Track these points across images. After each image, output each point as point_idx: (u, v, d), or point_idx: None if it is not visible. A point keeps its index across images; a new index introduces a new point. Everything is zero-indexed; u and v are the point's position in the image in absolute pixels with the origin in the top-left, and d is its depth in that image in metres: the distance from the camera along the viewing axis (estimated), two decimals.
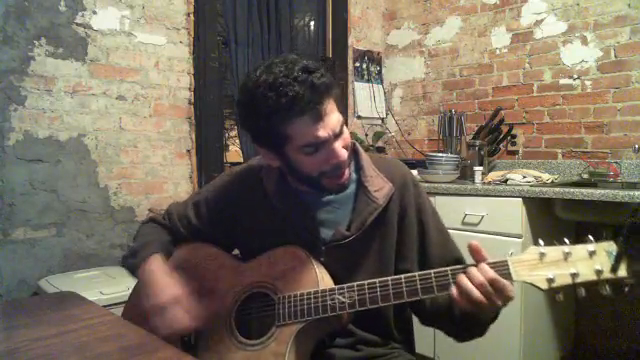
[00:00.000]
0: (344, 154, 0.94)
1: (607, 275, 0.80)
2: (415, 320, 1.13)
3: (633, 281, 0.80)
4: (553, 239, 0.88)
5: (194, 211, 1.14)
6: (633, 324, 2.31)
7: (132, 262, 1.08)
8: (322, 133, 0.90)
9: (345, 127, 0.97)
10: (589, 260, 0.81)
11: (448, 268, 0.88)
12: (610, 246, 0.82)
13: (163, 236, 1.14)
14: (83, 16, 2.13)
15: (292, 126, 0.90)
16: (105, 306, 1.08)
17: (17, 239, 1.97)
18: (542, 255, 0.83)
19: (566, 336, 2.44)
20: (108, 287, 1.74)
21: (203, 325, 0.99)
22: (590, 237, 0.83)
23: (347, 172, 0.98)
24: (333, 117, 0.92)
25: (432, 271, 0.89)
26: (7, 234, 1.95)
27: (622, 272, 0.79)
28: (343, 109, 0.96)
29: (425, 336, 1.20)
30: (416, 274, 0.90)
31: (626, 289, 0.80)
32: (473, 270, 0.85)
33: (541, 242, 0.85)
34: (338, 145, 0.93)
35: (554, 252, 0.83)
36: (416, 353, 1.13)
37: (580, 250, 0.83)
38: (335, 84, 0.94)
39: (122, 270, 2.06)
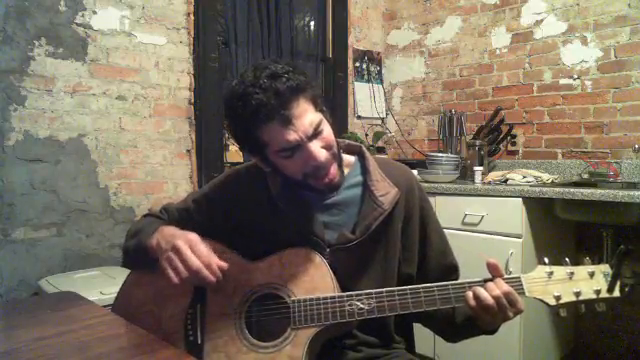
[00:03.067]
0: (321, 155, 0.93)
1: (604, 295, 0.88)
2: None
3: (633, 282, 0.84)
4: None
5: (194, 207, 1.12)
6: (633, 324, 2.31)
7: (136, 241, 1.05)
8: (292, 137, 0.90)
9: (326, 126, 0.96)
10: (590, 280, 0.90)
11: (465, 281, 0.93)
12: (606, 268, 0.90)
13: (165, 223, 1.11)
14: (83, 16, 2.13)
15: (263, 132, 0.92)
16: (105, 306, 1.07)
17: (17, 239, 1.97)
18: (550, 274, 0.91)
19: (566, 336, 2.44)
20: (108, 287, 1.73)
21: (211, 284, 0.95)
22: (587, 259, 0.92)
23: (333, 171, 0.97)
24: (305, 119, 0.91)
25: (450, 283, 0.93)
26: (7, 234, 1.95)
27: (616, 292, 0.88)
28: (323, 107, 0.96)
29: (425, 336, 1.20)
30: (434, 285, 0.93)
31: (626, 289, 0.85)
32: (490, 284, 0.91)
33: (546, 260, 0.93)
34: (315, 146, 0.93)
35: (560, 271, 0.91)
36: (416, 353, 1.13)
37: (581, 271, 0.91)
38: (308, 85, 0.93)
39: (122, 270, 2.05)
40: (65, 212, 2.08)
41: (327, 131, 0.96)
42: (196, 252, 0.91)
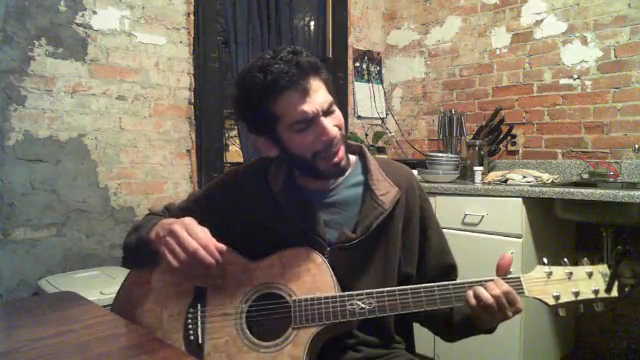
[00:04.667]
0: (335, 131, 0.96)
1: (602, 295, 0.89)
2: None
3: (633, 282, 0.85)
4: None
5: (195, 207, 1.12)
6: (633, 324, 2.31)
7: (136, 236, 1.04)
8: (308, 108, 0.93)
9: (337, 109, 0.99)
10: (588, 280, 0.91)
11: (466, 280, 0.94)
12: (604, 269, 0.91)
13: (166, 217, 1.11)
14: (83, 16, 2.13)
15: (280, 102, 0.93)
16: (105, 306, 1.07)
17: (17, 239, 1.97)
18: (549, 274, 0.92)
19: (566, 336, 2.44)
20: (108, 287, 1.73)
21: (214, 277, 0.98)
22: (586, 259, 0.93)
23: (342, 152, 0.99)
24: (320, 95, 0.95)
25: (450, 283, 0.94)
26: (7, 234, 1.94)
27: (614, 293, 0.89)
28: (333, 94, 1.03)
29: (425, 336, 1.20)
30: (435, 285, 0.94)
31: (627, 289, 0.86)
32: (491, 283, 0.92)
33: (545, 260, 0.94)
34: (328, 122, 0.96)
35: (559, 272, 0.92)
36: (416, 353, 1.14)
37: (580, 271, 0.92)
38: (323, 68, 0.98)
39: (122, 270, 2.05)
40: (65, 212, 2.08)
41: (338, 112, 1.00)
42: (193, 234, 0.91)
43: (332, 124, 0.96)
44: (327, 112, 0.96)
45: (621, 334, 2.36)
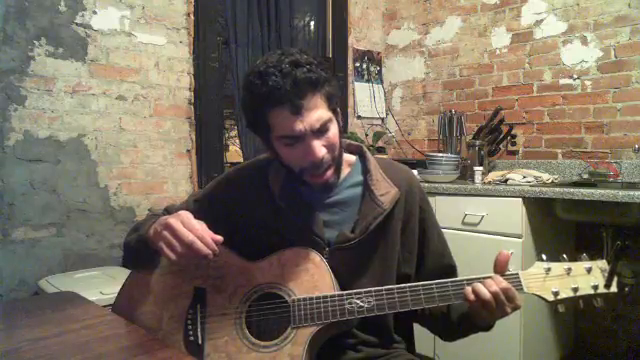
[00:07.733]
0: (320, 152, 0.94)
1: (602, 290, 0.90)
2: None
3: (633, 282, 0.86)
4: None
5: (196, 206, 1.12)
6: (633, 324, 2.31)
7: (136, 235, 1.04)
8: (297, 127, 0.91)
9: (333, 127, 0.97)
10: (587, 276, 0.91)
11: (464, 278, 0.94)
12: (603, 264, 0.92)
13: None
14: (83, 16, 2.13)
15: (271, 115, 0.93)
16: (105, 306, 1.07)
17: (17, 239, 1.97)
18: (548, 270, 0.92)
19: (566, 336, 2.44)
20: (108, 287, 1.73)
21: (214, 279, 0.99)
22: (585, 255, 0.93)
23: (329, 173, 0.99)
24: (314, 114, 0.92)
25: (449, 280, 0.94)
26: (7, 234, 1.94)
27: (614, 288, 0.89)
28: (336, 107, 0.99)
29: (425, 336, 1.20)
30: (433, 283, 0.94)
31: (626, 289, 0.86)
32: (489, 280, 0.92)
33: (544, 257, 0.94)
34: (316, 143, 0.94)
35: (558, 267, 0.92)
36: (416, 353, 1.14)
37: (579, 266, 0.92)
38: (327, 81, 0.94)
39: (122, 270, 2.06)
40: (65, 212, 2.08)
41: (333, 132, 0.97)
42: (189, 227, 0.90)
43: (321, 144, 0.94)
44: (319, 131, 0.93)
45: (621, 334, 2.36)
